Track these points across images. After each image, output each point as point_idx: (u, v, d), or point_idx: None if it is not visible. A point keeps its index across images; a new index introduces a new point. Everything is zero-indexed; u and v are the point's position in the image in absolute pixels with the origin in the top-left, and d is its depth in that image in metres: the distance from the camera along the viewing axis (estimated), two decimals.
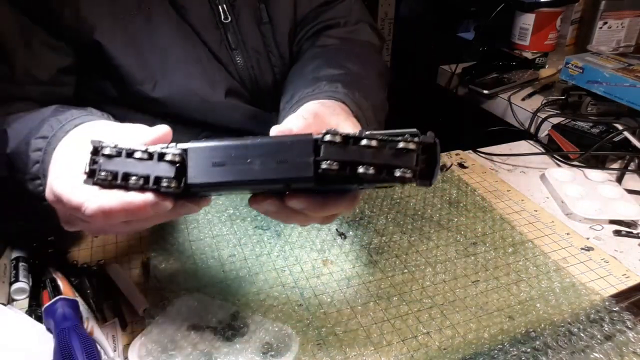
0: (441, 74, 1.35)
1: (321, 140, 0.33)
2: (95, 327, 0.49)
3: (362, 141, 0.33)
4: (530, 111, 1.02)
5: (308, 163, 0.33)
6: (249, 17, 0.67)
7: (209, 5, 0.64)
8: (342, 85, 0.53)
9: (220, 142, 0.35)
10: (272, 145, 0.34)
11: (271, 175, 0.34)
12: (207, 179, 0.34)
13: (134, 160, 0.35)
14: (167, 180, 0.34)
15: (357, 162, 0.33)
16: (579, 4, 1.35)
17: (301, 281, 0.58)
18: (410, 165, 0.32)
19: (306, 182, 0.34)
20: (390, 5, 1.88)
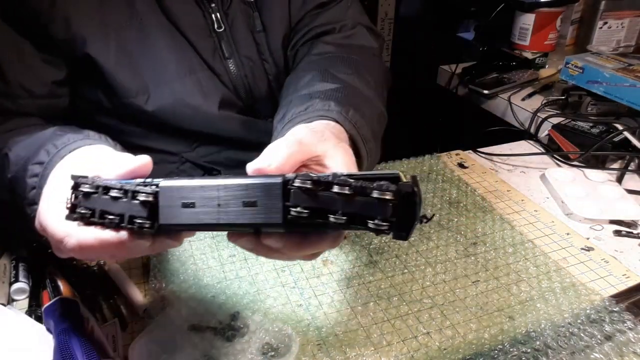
0: (441, 74, 1.35)
1: (291, 185, 0.31)
2: (95, 327, 0.49)
3: (334, 187, 0.30)
4: (530, 111, 1.02)
5: (277, 208, 0.31)
6: (243, 26, 0.66)
7: (202, 14, 0.63)
8: (336, 103, 0.51)
9: (190, 182, 0.33)
10: (242, 188, 0.32)
11: (240, 220, 0.32)
12: (177, 220, 0.33)
13: (110, 198, 0.34)
14: (140, 219, 0.34)
15: (329, 210, 0.30)
16: (579, 4, 1.35)
17: (301, 281, 0.58)
18: (385, 216, 0.30)
19: (275, 228, 0.32)
20: (390, 5, 1.88)
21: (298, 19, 0.71)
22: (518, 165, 0.86)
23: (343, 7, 0.73)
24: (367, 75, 0.63)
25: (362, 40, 0.72)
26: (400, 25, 1.94)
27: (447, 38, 1.87)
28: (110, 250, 0.35)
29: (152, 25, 0.61)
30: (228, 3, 0.65)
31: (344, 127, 0.48)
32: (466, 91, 1.21)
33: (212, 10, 0.64)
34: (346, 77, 0.59)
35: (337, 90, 0.55)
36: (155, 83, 0.62)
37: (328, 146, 0.41)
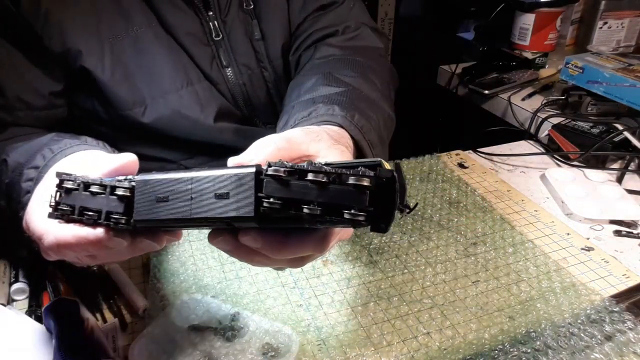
0: (441, 74, 1.35)
1: (264, 174, 0.29)
2: (95, 327, 0.49)
3: (309, 175, 0.28)
4: (530, 111, 1.02)
5: (249, 200, 0.29)
6: (241, 34, 0.66)
7: (200, 22, 0.63)
8: (340, 108, 0.49)
9: (165, 175, 0.32)
10: (214, 180, 0.30)
11: (211, 214, 0.30)
12: (150, 216, 0.32)
13: (90, 195, 0.34)
14: (117, 215, 0.33)
15: (302, 201, 0.28)
16: (579, 4, 1.35)
17: (301, 281, 0.58)
18: (362, 205, 0.27)
19: (248, 222, 0.30)
20: (390, 5, 1.88)
21: (298, 22, 0.70)
22: (518, 165, 0.86)
23: (345, 9, 0.72)
24: (372, 76, 0.61)
25: (367, 40, 0.71)
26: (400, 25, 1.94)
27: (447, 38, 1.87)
28: (88, 248, 0.34)
29: (148, 36, 0.61)
30: (226, 11, 0.64)
31: (350, 132, 0.47)
32: (466, 91, 1.21)
33: (210, 19, 0.63)
34: (351, 80, 0.57)
35: (341, 94, 0.53)
36: (151, 95, 0.62)
37: (321, 146, 0.39)
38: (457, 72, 1.27)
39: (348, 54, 0.67)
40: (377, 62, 0.68)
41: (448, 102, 1.33)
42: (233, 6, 0.65)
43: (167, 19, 0.61)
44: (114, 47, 0.59)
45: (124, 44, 0.59)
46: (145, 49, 0.61)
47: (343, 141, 0.45)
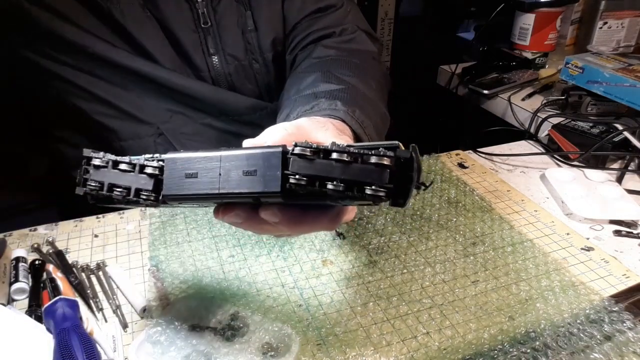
0: (441, 74, 1.35)
1: (291, 153, 0.31)
2: (95, 327, 0.49)
3: (333, 154, 0.30)
4: (530, 111, 1.02)
5: (276, 177, 0.31)
6: (233, 24, 0.66)
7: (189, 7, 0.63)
8: (342, 103, 0.50)
9: (194, 154, 0.34)
10: (242, 158, 0.33)
11: (239, 189, 0.32)
12: (179, 191, 0.34)
13: (119, 172, 0.36)
14: (146, 192, 0.35)
15: (327, 177, 0.30)
16: (579, 4, 1.35)
17: (301, 281, 0.58)
18: (383, 182, 0.29)
19: (274, 197, 0.32)
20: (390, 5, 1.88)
21: (295, 22, 0.71)
22: (518, 165, 0.86)
23: (343, 13, 0.72)
24: (368, 78, 0.62)
25: (362, 44, 0.72)
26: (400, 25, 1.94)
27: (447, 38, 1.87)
28: None
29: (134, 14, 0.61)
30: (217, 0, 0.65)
31: (351, 127, 0.48)
32: (466, 91, 1.21)
33: (200, 6, 0.63)
34: (349, 79, 0.58)
35: (341, 90, 0.55)
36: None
37: (328, 135, 0.41)
38: (457, 72, 1.27)
39: (344, 55, 0.67)
40: (371, 65, 0.69)
41: (448, 102, 1.33)
42: None
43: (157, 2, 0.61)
44: None
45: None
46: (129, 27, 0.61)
47: (347, 133, 0.47)
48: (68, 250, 0.61)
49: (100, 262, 0.59)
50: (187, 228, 0.66)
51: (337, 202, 0.33)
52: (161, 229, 0.65)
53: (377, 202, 0.30)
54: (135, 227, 0.66)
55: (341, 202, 0.33)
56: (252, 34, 0.67)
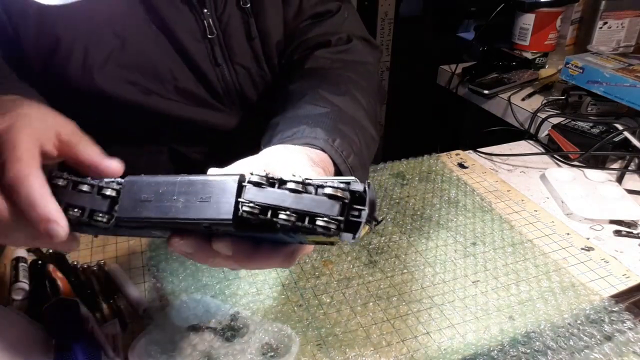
0: (441, 74, 1.35)
1: (247, 181, 0.31)
2: (95, 327, 0.49)
3: (289, 184, 0.30)
4: (530, 111, 1.02)
5: (229, 204, 0.30)
6: (238, 32, 0.65)
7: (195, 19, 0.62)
8: (323, 131, 0.50)
9: (152, 178, 0.34)
10: (198, 184, 0.32)
11: (191, 215, 0.31)
12: (133, 214, 0.33)
13: (78, 193, 0.35)
14: (100, 214, 0.34)
15: (279, 207, 0.30)
16: (579, 4, 1.35)
17: (301, 281, 0.58)
18: (333, 213, 0.29)
19: (226, 226, 0.31)
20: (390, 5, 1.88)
21: (292, 28, 0.70)
22: (518, 165, 0.86)
23: (339, 18, 0.71)
24: (359, 95, 0.61)
25: (357, 55, 0.70)
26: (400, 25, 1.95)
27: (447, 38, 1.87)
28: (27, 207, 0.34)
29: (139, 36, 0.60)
30: (222, 8, 0.64)
31: (331, 157, 0.48)
32: (466, 91, 1.21)
33: (205, 16, 0.63)
34: (337, 100, 0.57)
35: (325, 115, 0.54)
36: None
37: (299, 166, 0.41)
38: (457, 72, 1.27)
39: (337, 67, 0.66)
40: (365, 78, 0.67)
41: (448, 102, 1.34)
42: (229, 3, 0.64)
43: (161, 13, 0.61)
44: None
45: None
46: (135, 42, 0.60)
47: (322, 164, 0.46)
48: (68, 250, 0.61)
49: (100, 262, 0.59)
50: None
51: (290, 236, 0.32)
52: None
53: (327, 234, 0.29)
54: None
55: (293, 235, 0.32)
56: (257, 41, 0.67)
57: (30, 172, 0.34)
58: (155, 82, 0.63)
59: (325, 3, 0.71)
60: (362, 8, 1.82)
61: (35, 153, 0.36)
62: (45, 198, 0.34)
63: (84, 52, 0.58)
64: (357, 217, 0.29)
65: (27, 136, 0.36)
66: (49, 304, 0.49)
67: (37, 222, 0.34)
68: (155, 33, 0.61)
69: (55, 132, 0.39)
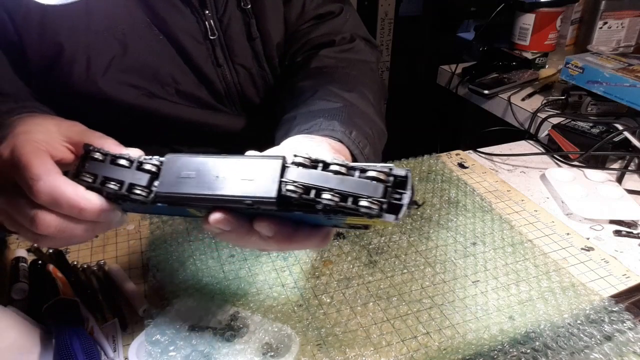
0: (441, 74, 1.35)
1: (291, 162, 0.32)
2: (95, 327, 0.49)
3: (332, 167, 0.31)
4: (530, 111, 1.02)
5: (273, 183, 0.31)
6: (239, 33, 0.66)
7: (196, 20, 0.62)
8: (340, 123, 0.51)
9: (194, 156, 0.34)
10: (242, 163, 0.33)
11: (234, 193, 0.32)
12: (173, 189, 0.34)
13: (115, 167, 0.36)
14: (139, 188, 0.35)
15: (323, 188, 0.31)
16: (579, 4, 1.35)
17: (301, 281, 0.58)
18: (377, 195, 0.30)
19: (268, 204, 0.32)
20: (390, 5, 1.88)
21: (295, 28, 0.70)
22: (518, 165, 0.86)
23: (341, 20, 0.72)
24: (366, 91, 0.62)
25: (360, 54, 0.71)
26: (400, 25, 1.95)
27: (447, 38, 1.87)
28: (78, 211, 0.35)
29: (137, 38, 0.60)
30: (222, 10, 0.64)
31: (349, 148, 0.49)
32: (466, 91, 1.21)
33: (206, 17, 0.63)
34: (347, 96, 0.58)
35: (339, 109, 0.55)
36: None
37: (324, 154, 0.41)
38: (457, 72, 1.27)
39: (342, 66, 0.67)
40: (369, 76, 0.68)
41: (448, 102, 1.34)
42: (230, 5, 0.65)
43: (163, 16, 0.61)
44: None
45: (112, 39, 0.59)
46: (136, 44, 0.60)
47: (343, 153, 0.47)
48: (68, 250, 0.61)
49: (100, 262, 0.59)
50: (187, 228, 0.66)
51: (328, 218, 0.33)
52: (161, 229, 0.65)
53: (370, 215, 0.30)
54: (135, 227, 0.66)
55: (333, 217, 0.32)
56: (257, 42, 0.67)
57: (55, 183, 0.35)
58: (158, 85, 0.63)
59: (328, 4, 0.72)
60: (362, 8, 1.82)
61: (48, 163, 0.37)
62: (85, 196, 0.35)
63: (86, 59, 0.58)
64: (399, 199, 0.30)
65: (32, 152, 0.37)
66: (49, 304, 0.49)
67: (91, 218, 0.36)
68: (156, 36, 0.61)
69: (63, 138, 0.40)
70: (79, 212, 0.36)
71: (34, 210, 0.36)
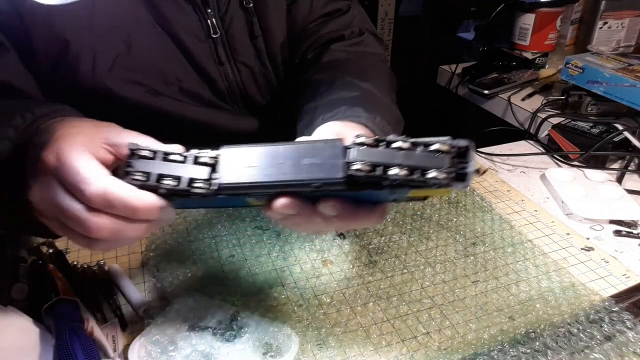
0: (441, 74, 1.35)
1: (353, 143, 0.33)
2: (95, 327, 0.49)
3: (395, 143, 0.33)
4: (530, 111, 1.02)
5: (338, 165, 0.33)
6: (241, 31, 0.66)
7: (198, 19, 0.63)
8: (363, 109, 0.52)
9: (252, 146, 0.35)
10: (303, 148, 0.34)
11: (301, 177, 0.33)
12: (235, 180, 0.34)
13: (168, 163, 0.36)
14: (200, 181, 0.35)
15: (389, 164, 0.32)
16: (579, 4, 1.35)
17: (301, 281, 0.58)
18: (444, 166, 0.32)
19: (336, 185, 0.33)
20: (390, 5, 1.88)
21: (303, 27, 0.71)
22: (518, 165, 0.86)
23: (349, 16, 0.74)
24: (379, 81, 0.63)
25: (370, 47, 0.73)
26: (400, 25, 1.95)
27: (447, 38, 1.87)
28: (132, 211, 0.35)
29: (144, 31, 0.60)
30: (225, 8, 0.64)
31: (374, 133, 0.49)
32: (466, 91, 1.21)
33: (209, 16, 0.63)
34: (364, 85, 0.59)
35: (360, 97, 0.56)
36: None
37: None
38: (457, 72, 1.27)
39: (354, 59, 0.68)
40: (380, 67, 0.70)
41: (448, 102, 1.33)
42: (232, 3, 0.65)
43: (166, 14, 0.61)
44: None
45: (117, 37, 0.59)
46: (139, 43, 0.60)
47: None
48: (68, 250, 0.61)
49: (100, 262, 0.59)
50: (187, 227, 0.66)
51: (391, 193, 0.34)
52: (161, 229, 0.65)
53: (440, 185, 0.32)
54: None
55: (396, 191, 0.34)
56: (260, 40, 0.67)
57: (107, 185, 0.35)
58: (162, 83, 0.63)
59: (335, 2, 0.73)
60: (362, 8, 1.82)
61: (96, 165, 0.37)
62: (138, 196, 0.35)
63: (92, 57, 0.58)
64: (465, 168, 0.32)
65: (79, 156, 0.37)
66: (49, 304, 0.49)
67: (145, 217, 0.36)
68: (159, 34, 0.61)
69: (102, 139, 0.39)
70: (133, 212, 0.35)
71: (86, 215, 0.36)
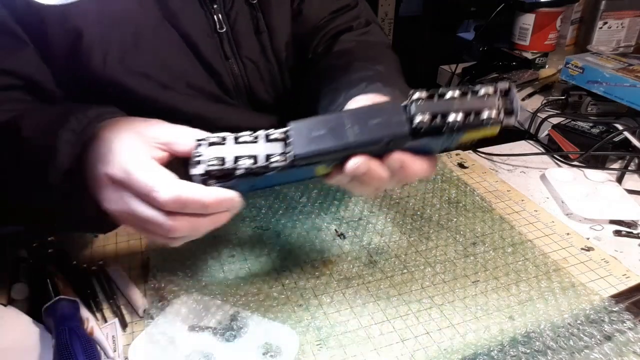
0: (441, 74, 1.35)
1: (410, 100, 0.38)
2: (95, 327, 0.49)
3: (447, 94, 0.38)
4: (530, 111, 1.02)
5: (402, 121, 0.38)
6: (246, 27, 0.66)
7: (204, 14, 0.63)
8: (384, 85, 0.54)
9: (318, 117, 0.39)
10: (365, 112, 0.39)
11: (370, 136, 0.37)
12: (310, 148, 0.38)
13: (239, 145, 0.39)
14: (276, 155, 0.38)
15: (446, 112, 0.37)
16: (579, 4, 1.35)
17: (301, 281, 0.58)
18: (494, 106, 0.37)
19: (403, 139, 0.38)
20: (390, 5, 1.88)
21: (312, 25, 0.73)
22: (518, 165, 0.86)
23: (357, 11, 0.76)
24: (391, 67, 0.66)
25: (377, 36, 0.76)
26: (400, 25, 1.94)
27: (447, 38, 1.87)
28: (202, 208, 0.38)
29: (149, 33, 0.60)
30: (230, 4, 0.65)
31: None
32: None
33: (215, 11, 0.64)
34: (378, 67, 0.62)
35: (378, 74, 0.58)
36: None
37: None
38: (457, 72, 1.27)
39: (363, 47, 0.71)
40: (388, 54, 0.73)
41: None
42: None
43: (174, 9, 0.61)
44: None
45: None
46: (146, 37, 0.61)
47: None
48: (68, 250, 0.61)
49: (100, 262, 0.59)
50: None
51: (448, 138, 0.39)
52: None
53: (495, 122, 0.37)
54: None
55: (452, 136, 0.39)
56: (265, 36, 0.68)
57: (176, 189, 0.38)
58: (169, 77, 0.63)
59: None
60: None
61: (160, 171, 0.39)
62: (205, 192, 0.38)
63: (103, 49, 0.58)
64: (512, 103, 0.38)
65: (142, 165, 0.39)
66: (49, 304, 0.49)
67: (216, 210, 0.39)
68: (167, 29, 0.62)
69: (152, 137, 0.41)
70: (204, 208, 0.39)
71: (163, 219, 0.39)
